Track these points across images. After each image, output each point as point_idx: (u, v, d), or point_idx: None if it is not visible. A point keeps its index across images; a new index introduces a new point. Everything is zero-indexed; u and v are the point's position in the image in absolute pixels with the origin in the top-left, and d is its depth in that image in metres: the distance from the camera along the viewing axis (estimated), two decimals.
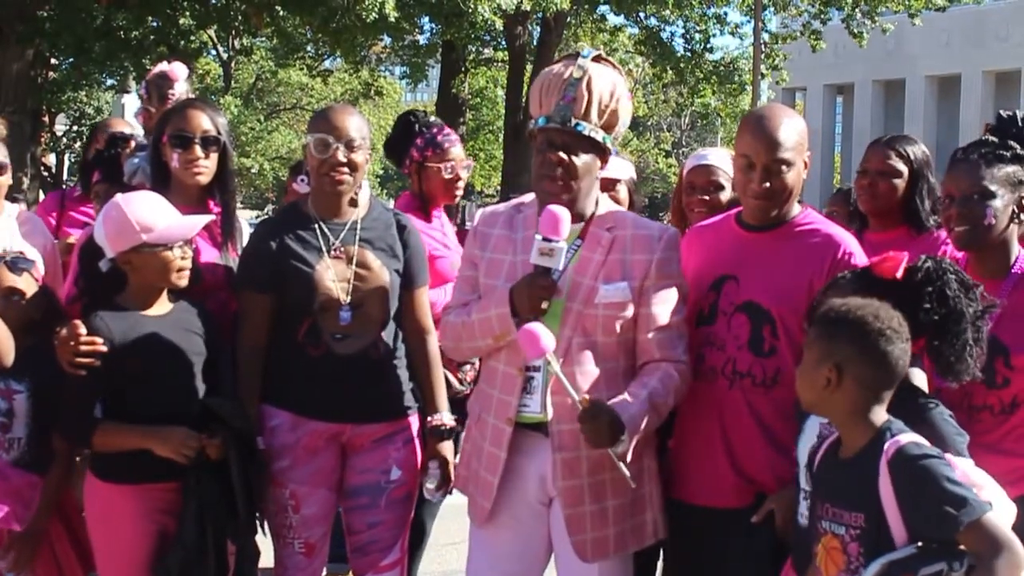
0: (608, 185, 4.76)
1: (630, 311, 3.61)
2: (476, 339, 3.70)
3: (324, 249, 4.01)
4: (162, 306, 3.92)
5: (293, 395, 4.01)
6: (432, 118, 5.32)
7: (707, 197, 4.65)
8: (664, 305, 3.61)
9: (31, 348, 4.01)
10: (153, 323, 3.86)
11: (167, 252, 3.81)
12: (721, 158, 4.74)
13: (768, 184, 3.64)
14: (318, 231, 4.03)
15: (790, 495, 3.43)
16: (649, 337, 3.60)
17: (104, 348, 3.72)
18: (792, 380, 3.51)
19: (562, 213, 3.52)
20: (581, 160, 3.61)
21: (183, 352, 3.88)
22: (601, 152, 3.67)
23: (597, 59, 3.69)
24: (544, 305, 3.53)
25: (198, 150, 4.12)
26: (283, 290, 3.98)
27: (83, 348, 3.70)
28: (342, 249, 4.03)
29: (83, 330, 3.71)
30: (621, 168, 4.95)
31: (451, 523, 5.28)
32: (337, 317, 3.97)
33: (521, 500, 3.71)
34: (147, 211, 3.83)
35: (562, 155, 3.59)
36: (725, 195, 4.64)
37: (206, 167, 4.15)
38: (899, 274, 3.25)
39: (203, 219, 3.98)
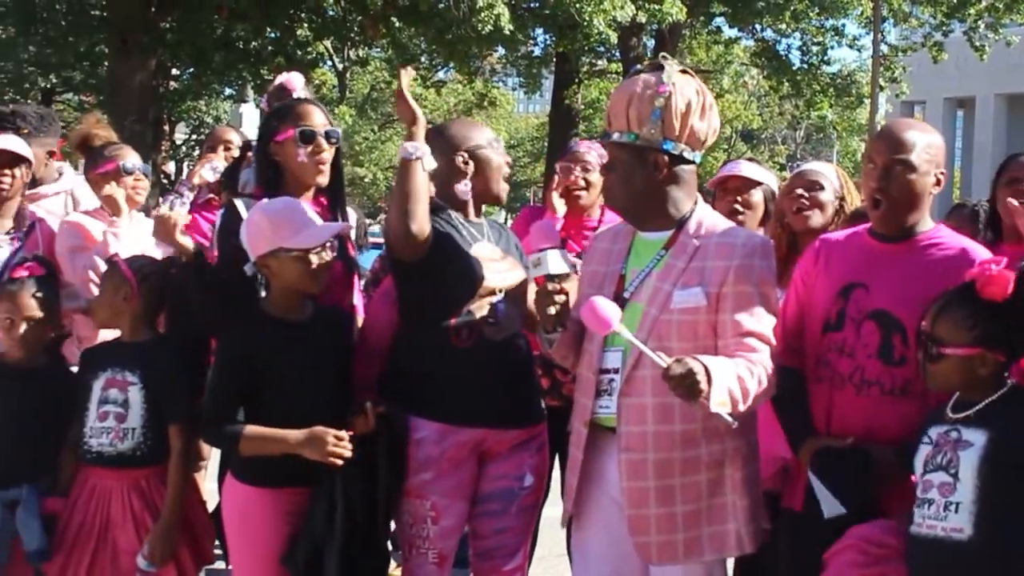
0: (743, 186, 4.83)
1: (705, 316, 3.58)
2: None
3: (472, 244, 4.08)
4: (303, 312, 3.95)
5: (441, 401, 3.98)
6: None
7: (740, 198, 4.79)
8: (744, 313, 3.55)
9: (144, 341, 4.19)
10: (295, 331, 3.90)
11: (304, 257, 3.84)
12: (752, 169, 4.90)
13: (886, 184, 3.60)
14: (463, 230, 4.09)
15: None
16: (729, 342, 3.55)
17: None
18: (921, 391, 3.49)
19: (544, 226, 3.85)
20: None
21: (323, 360, 3.92)
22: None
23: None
24: (552, 311, 3.63)
25: (324, 143, 4.17)
26: (442, 276, 4.00)
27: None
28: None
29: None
30: (764, 174, 4.96)
31: (562, 533, 5.26)
32: (493, 305, 4.01)
33: (611, 502, 3.72)
34: (285, 215, 3.87)
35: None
36: (757, 196, 4.80)
37: (328, 160, 4.20)
38: (1008, 292, 3.20)
39: (337, 226, 4.04)
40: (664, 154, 3.62)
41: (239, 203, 4.15)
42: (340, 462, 3.75)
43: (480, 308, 4.00)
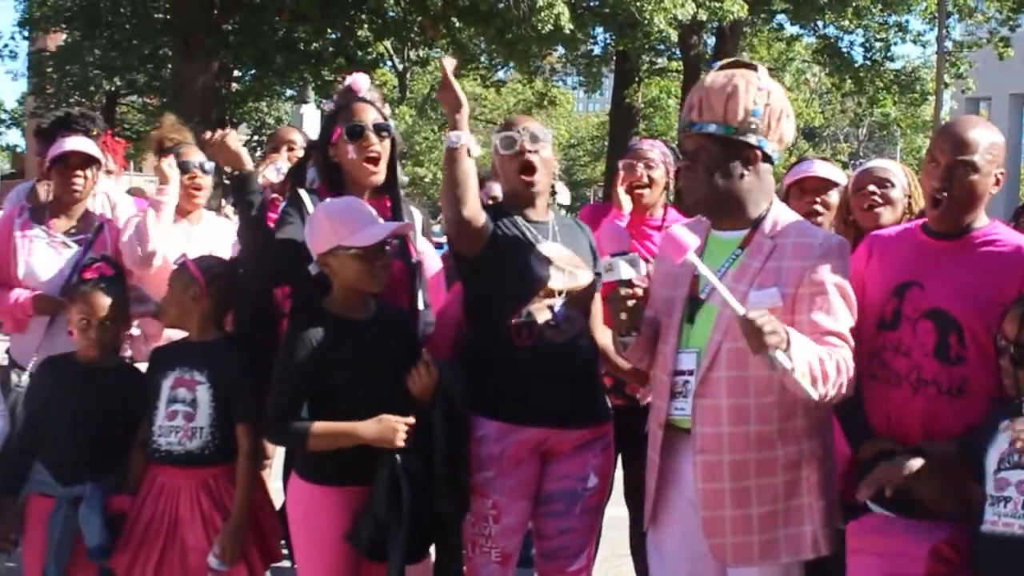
0: (822, 187, 4.82)
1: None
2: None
3: (535, 244, 4.08)
4: (366, 310, 3.97)
5: (503, 401, 4.00)
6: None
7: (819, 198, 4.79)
8: (821, 313, 3.50)
9: (212, 340, 4.24)
10: (359, 329, 3.91)
11: (363, 255, 3.86)
12: (827, 169, 4.88)
13: (949, 184, 3.55)
14: (527, 232, 4.09)
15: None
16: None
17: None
18: (979, 390, 3.45)
19: (614, 229, 3.96)
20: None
21: (387, 357, 3.93)
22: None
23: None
24: (623, 316, 3.67)
25: (372, 137, 4.19)
26: (501, 276, 4.02)
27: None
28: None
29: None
30: (839, 174, 4.94)
31: (625, 533, 5.26)
32: (552, 308, 4.01)
33: (686, 503, 3.70)
34: (344, 214, 3.90)
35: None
36: (835, 197, 4.80)
37: (379, 152, 4.20)
38: None
39: (395, 225, 4.03)
40: (759, 150, 3.62)
41: (303, 193, 4.20)
42: (399, 445, 3.81)
43: (540, 310, 4.00)
